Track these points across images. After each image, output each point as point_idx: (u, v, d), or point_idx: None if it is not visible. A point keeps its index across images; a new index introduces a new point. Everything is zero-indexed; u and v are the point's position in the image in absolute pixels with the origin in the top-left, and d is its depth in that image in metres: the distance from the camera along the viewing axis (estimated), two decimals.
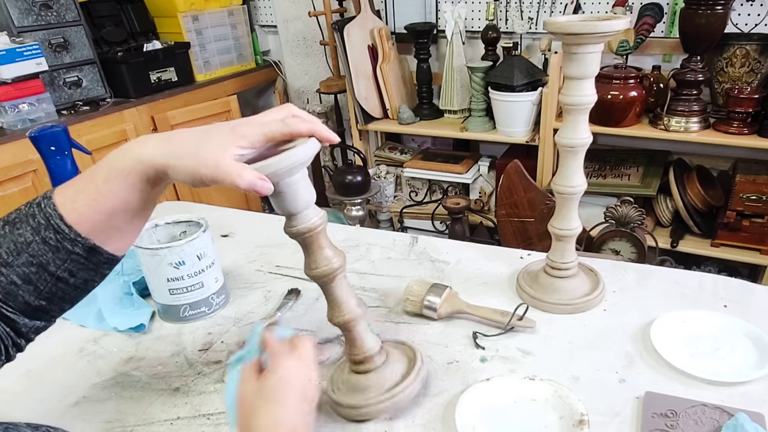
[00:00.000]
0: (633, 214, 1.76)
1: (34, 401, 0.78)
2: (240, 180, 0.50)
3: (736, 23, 1.86)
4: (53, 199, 0.53)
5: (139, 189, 0.54)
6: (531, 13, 2.19)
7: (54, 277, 0.53)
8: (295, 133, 0.55)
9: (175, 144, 0.53)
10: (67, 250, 0.53)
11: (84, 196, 0.53)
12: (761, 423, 0.63)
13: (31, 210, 0.53)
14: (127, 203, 0.54)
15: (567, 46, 0.75)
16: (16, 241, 0.52)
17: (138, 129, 2.19)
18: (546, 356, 0.79)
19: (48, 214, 0.52)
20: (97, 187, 0.53)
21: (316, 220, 0.62)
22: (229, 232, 1.22)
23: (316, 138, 0.56)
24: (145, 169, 0.53)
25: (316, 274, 0.65)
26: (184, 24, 2.40)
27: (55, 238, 0.52)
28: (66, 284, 0.55)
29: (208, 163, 0.51)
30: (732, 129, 1.77)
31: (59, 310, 0.57)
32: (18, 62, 1.84)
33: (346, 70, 2.28)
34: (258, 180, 0.51)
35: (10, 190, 1.80)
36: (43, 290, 0.53)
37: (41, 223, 0.52)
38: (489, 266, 1.03)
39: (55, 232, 0.52)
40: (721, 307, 0.86)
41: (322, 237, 0.64)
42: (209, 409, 0.74)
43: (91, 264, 0.55)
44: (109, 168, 0.53)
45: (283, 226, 0.63)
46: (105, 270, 0.58)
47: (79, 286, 0.56)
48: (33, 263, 0.52)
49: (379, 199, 2.53)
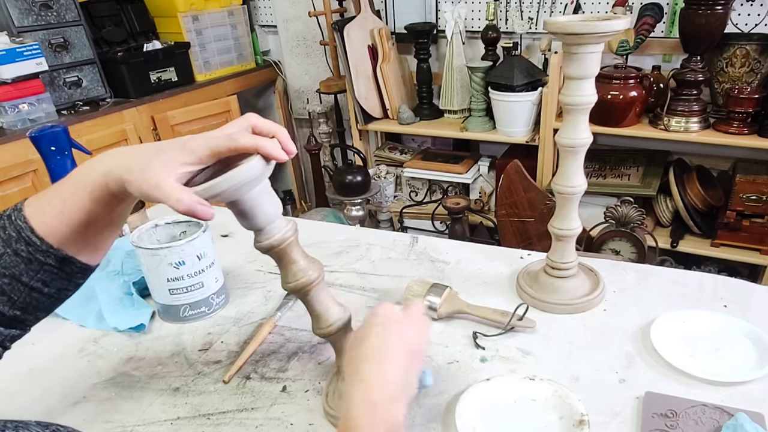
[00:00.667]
0: (633, 214, 1.76)
1: (34, 401, 0.78)
2: (178, 204, 0.50)
3: (736, 23, 1.86)
4: (23, 211, 0.52)
5: (104, 202, 0.53)
6: (531, 13, 2.19)
7: (28, 288, 0.53)
8: (240, 148, 0.53)
9: (132, 158, 0.52)
10: (40, 261, 0.52)
11: (52, 209, 0.52)
12: (761, 423, 0.63)
13: (1, 222, 0.53)
14: (93, 216, 0.53)
15: (567, 46, 0.75)
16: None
17: (138, 129, 2.19)
18: (546, 356, 0.79)
19: (19, 226, 0.52)
20: (64, 200, 0.52)
21: (285, 231, 0.60)
22: (229, 232, 1.22)
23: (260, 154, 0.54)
24: (106, 182, 0.52)
25: (293, 288, 0.63)
26: (184, 24, 2.40)
27: (26, 250, 0.52)
28: (40, 294, 0.54)
29: (150, 182, 0.50)
30: (732, 129, 1.77)
31: (34, 319, 0.57)
32: (18, 62, 1.84)
33: (346, 70, 2.28)
34: (197, 205, 0.50)
35: (10, 190, 1.79)
36: (17, 300, 0.53)
37: (12, 236, 0.52)
38: (489, 266, 1.03)
39: (27, 245, 0.52)
40: (721, 307, 0.86)
41: (294, 249, 0.62)
42: (209, 409, 0.74)
43: (64, 274, 0.55)
44: (74, 181, 0.53)
45: (253, 242, 0.61)
46: (79, 279, 0.57)
47: (53, 296, 0.56)
48: (6, 275, 0.52)
49: (379, 199, 2.53)
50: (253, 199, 0.56)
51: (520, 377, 0.72)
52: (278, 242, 0.60)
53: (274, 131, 0.57)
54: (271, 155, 0.55)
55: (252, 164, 0.53)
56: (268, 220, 0.59)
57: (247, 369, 0.81)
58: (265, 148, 0.54)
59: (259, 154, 0.54)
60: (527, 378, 0.72)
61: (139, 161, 0.52)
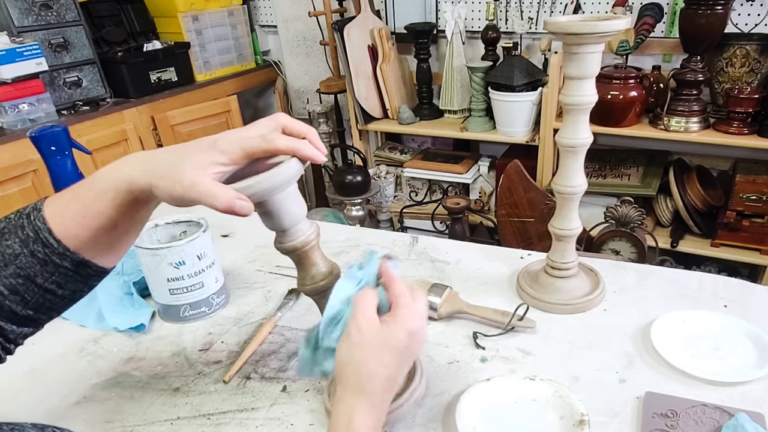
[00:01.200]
0: (633, 214, 1.76)
1: (34, 401, 0.78)
2: (216, 201, 0.49)
3: (736, 23, 1.86)
4: (43, 211, 0.52)
5: (125, 209, 0.53)
6: (531, 13, 2.19)
7: (42, 289, 0.53)
8: (274, 150, 0.53)
9: (157, 163, 0.52)
10: (55, 263, 0.52)
11: (72, 213, 0.52)
12: (761, 423, 0.63)
13: (20, 221, 0.52)
14: (114, 222, 0.53)
15: (567, 46, 0.75)
16: (4, 252, 0.51)
17: (138, 129, 2.19)
18: (546, 356, 0.79)
19: (37, 227, 0.51)
20: (84, 206, 0.52)
21: (309, 234, 0.59)
22: (229, 232, 1.22)
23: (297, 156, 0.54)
24: (129, 189, 0.51)
25: (310, 290, 0.63)
26: (184, 24, 2.40)
27: (43, 252, 0.51)
28: (54, 295, 0.54)
29: (183, 183, 0.49)
30: (732, 129, 1.77)
31: (47, 318, 0.56)
32: (18, 62, 1.84)
33: (346, 70, 2.28)
34: (237, 200, 0.50)
35: (10, 190, 1.80)
36: (30, 301, 0.53)
37: (30, 236, 0.51)
38: (489, 266, 1.03)
39: (44, 246, 0.51)
40: (721, 307, 0.86)
41: (315, 252, 0.61)
42: (209, 409, 0.74)
43: (79, 277, 0.54)
44: (95, 187, 0.52)
45: (274, 241, 0.60)
46: (94, 282, 0.57)
47: (66, 297, 0.55)
48: (20, 275, 0.51)
49: (379, 199, 2.53)
50: (282, 200, 0.56)
51: (520, 377, 0.72)
52: (302, 245, 0.59)
53: (305, 132, 0.56)
54: (309, 158, 0.54)
55: (290, 166, 0.53)
56: (293, 221, 0.58)
57: (247, 369, 0.81)
58: (303, 151, 0.54)
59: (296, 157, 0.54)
60: (527, 378, 0.72)
61: (166, 165, 0.51)
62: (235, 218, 0.59)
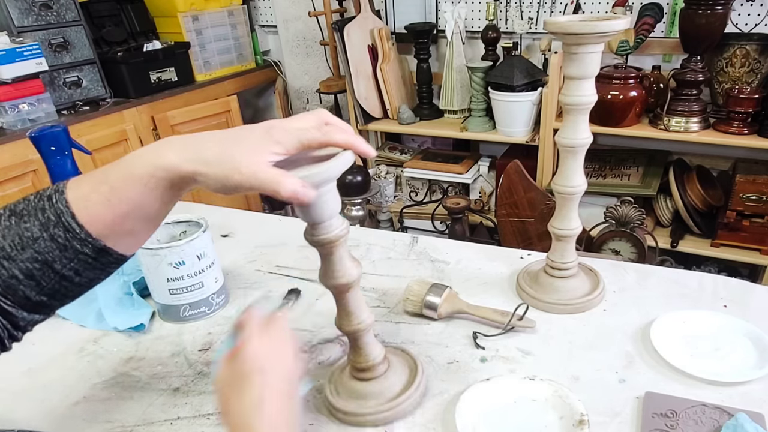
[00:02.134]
0: (633, 214, 1.76)
1: (34, 401, 0.78)
2: (281, 188, 0.48)
3: (736, 23, 1.86)
4: (66, 194, 0.50)
5: (159, 195, 0.51)
6: (531, 13, 2.19)
7: (58, 275, 0.51)
8: (332, 143, 0.53)
9: (203, 149, 0.50)
10: (76, 249, 0.50)
11: (98, 196, 0.50)
12: (761, 423, 0.63)
13: (41, 203, 0.50)
14: (143, 208, 0.51)
15: (567, 46, 0.75)
16: (22, 235, 0.49)
17: (138, 129, 2.19)
18: (546, 356, 0.79)
19: (59, 210, 0.49)
20: (113, 189, 0.50)
21: (342, 229, 0.60)
22: (229, 232, 1.22)
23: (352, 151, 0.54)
24: (169, 176, 0.50)
25: (333, 284, 0.64)
26: (184, 24, 2.40)
27: (64, 236, 0.49)
28: (70, 282, 0.52)
29: (242, 170, 0.48)
30: (732, 129, 1.77)
31: (60, 304, 0.55)
32: (18, 62, 1.84)
33: (346, 70, 2.28)
34: (301, 187, 0.49)
35: (10, 190, 1.80)
36: (46, 287, 0.51)
37: (51, 219, 0.49)
38: (489, 266, 1.03)
39: (65, 230, 0.49)
40: (721, 307, 0.86)
41: (343, 247, 0.62)
42: (209, 409, 0.74)
43: (99, 264, 0.53)
44: (127, 172, 0.50)
45: (304, 232, 0.61)
46: (112, 269, 0.55)
47: (83, 284, 0.54)
48: (38, 260, 0.49)
49: (379, 199, 2.53)
50: (325, 193, 0.56)
51: (520, 377, 0.72)
52: (335, 238, 0.60)
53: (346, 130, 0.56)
54: (364, 152, 0.55)
55: (346, 159, 0.54)
56: (330, 215, 0.59)
57: None
58: (360, 146, 0.54)
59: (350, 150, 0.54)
60: (527, 378, 0.72)
61: (215, 152, 0.50)
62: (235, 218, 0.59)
